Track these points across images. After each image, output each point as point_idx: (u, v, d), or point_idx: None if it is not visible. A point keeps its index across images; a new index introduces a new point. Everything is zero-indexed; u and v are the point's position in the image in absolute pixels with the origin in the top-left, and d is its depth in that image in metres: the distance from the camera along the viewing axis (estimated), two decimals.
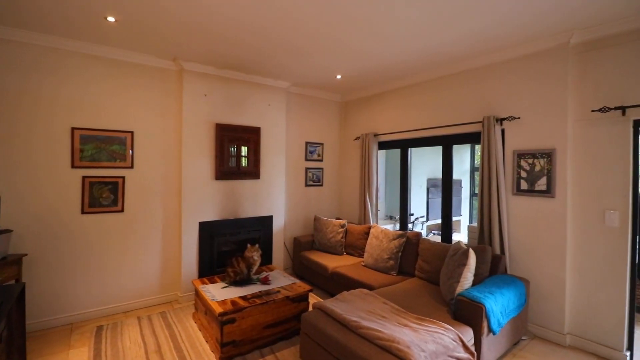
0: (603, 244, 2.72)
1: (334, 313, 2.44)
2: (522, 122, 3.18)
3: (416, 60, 3.62)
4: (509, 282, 2.70)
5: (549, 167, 2.99)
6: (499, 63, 3.36)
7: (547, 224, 2.97)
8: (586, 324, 2.80)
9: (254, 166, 4.26)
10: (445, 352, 2.03)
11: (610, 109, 2.69)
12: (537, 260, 3.03)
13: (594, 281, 2.77)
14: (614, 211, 2.67)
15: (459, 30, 2.84)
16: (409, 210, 5.55)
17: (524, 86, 3.16)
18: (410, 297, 2.83)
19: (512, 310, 2.56)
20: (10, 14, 2.66)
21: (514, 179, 3.22)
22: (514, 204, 3.21)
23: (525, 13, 2.53)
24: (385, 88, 4.58)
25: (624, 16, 2.56)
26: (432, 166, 6.23)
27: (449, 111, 3.82)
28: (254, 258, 3.22)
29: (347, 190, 5.26)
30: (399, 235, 3.64)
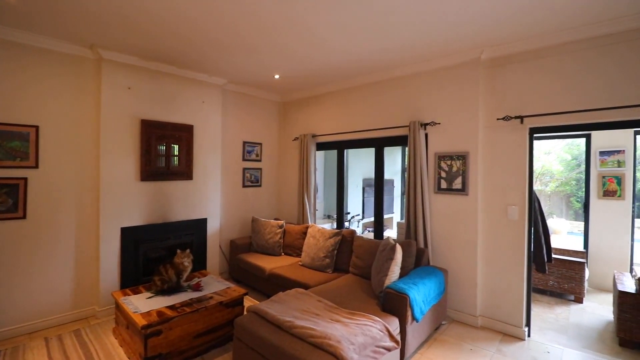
0: (506, 235, 3.13)
1: (268, 315, 2.41)
2: (443, 127, 3.50)
3: (351, 66, 3.77)
4: (430, 273, 2.95)
5: (463, 168, 3.34)
6: (423, 72, 3.65)
7: (462, 219, 3.32)
8: (494, 306, 3.20)
9: (186, 166, 4.02)
10: (373, 342, 2.15)
11: (512, 118, 3.10)
12: (454, 251, 3.37)
13: (499, 268, 3.17)
14: (514, 206, 3.09)
15: (389, 40, 3.02)
16: (346, 209, 5.75)
17: (444, 95, 3.49)
18: (344, 293, 2.93)
19: (433, 298, 2.80)
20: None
21: (435, 178, 3.54)
22: (436, 201, 3.52)
23: (443, 28, 2.78)
24: (323, 90, 4.68)
25: (522, 38, 2.96)
26: (367, 167, 6.54)
27: (381, 115, 4.04)
28: (184, 264, 3.04)
29: (286, 191, 5.26)
30: (334, 234, 3.75)
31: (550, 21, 2.64)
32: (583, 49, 2.77)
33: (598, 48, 2.71)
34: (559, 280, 4.02)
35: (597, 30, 2.67)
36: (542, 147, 8.23)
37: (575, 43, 2.79)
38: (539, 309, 3.71)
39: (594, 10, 2.46)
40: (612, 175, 4.42)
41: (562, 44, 2.85)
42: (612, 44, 2.65)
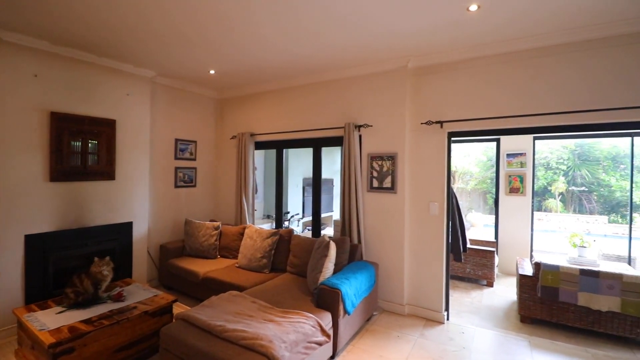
0: (428, 229, 3.43)
1: (198, 321, 2.32)
2: (375, 129, 3.70)
3: (290, 65, 3.79)
4: (362, 267, 3.11)
5: (392, 168, 3.57)
6: (358, 77, 3.82)
7: (392, 216, 3.55)
8: (418, 294, 3.48)
9: (107, 165, 3.67)
10: (305, 339, 2.20)
11: (433, 123, 3.40)
12: (384, 246, 3.59)
13: (423, 259, 3.46)
14: (435, 203, 3.39)
15: (323, 42, 3.09)
16: (286, 209, 5.77)
17: (376, 99, 3.69)
18: (280, 292, 2.94)
19: (364, 291, 2.96)
20: None
21: (368, 178, 3.73)
22: (368, 199, 3.71)
23: (373, 36, 2.94)
24: (262, 88, 4.62)
25: (441, 51, 3.27)
26: (307, 166, 6.63)
27: (319, 116, 4.13)
28: (102, 273, 2.77)
29: (223, 191, 5.09)
30: (272, 234, 3.74)
31: (463, 38, 2.96)
32: (492, 63, 3.15)
33: (504, 63, 3.11)
34: (474, 268, 4.52)
35: (501, 49, 3.06)
36: (463, 149, 9.16)
37: (484, 58, 3.17)
38: (458, 294, 4.14)
39: (501, 32, 2.81)
40: (516, 175, 5.11)
41: (473, 58, 3.21)
42: (513, 60, 3.06)
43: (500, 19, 2.61)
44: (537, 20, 2.63)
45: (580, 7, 2.42)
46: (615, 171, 8.26)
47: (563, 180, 8.43)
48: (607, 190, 8.33)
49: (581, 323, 3.14)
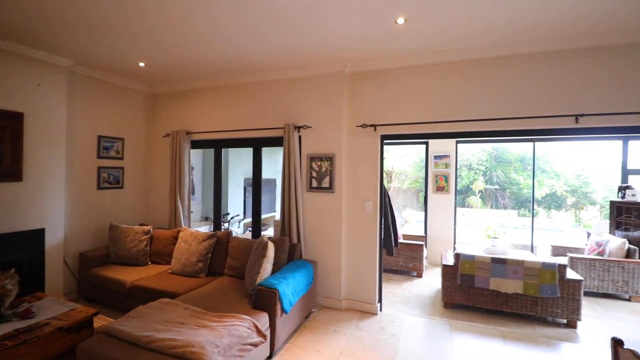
0: (364, 226, 3.61)
1: (122, 333, 2.16)
2: (314, 130, 3.78)
3: (229, 63, 3.70)
4: (300, 266, 3.17)
5: (330, 169, 3.69)
6: (298, 78, 3.86)
7: (330, 215, 3.67)
8: (355, 288, 3.65)
9: (12, 164, 3.21)
10: (240, 341, 2.18)
11: (367, 126, 3.59)
12: (323, 244, 3.70)
13: (359, 255, 3.63)
14: (369, 201, 3.59)
15: (263, 41, 3.07)
16: (225, 210, 5.61)
17: (315, 101, 3.77)
18: (216, 297, 2.86)
19: (302, 289, 3.02)
20: None
21: (308, 178, 3.80)
22: (308, 199, 3.78)
23: (312, 40, 3.01)
24: (200, 85, 4.42)
25: (374, 58, 3.47)
26: (249, 166, 6.51)
27: (259, 115, 4.09)
28: (5, 288, 2.43)
29: (155, 192, 4.76)
30: (209, 236, 3.61)
31: (394, 48, 3.18)
32: (420, 73, 3.43)
33: (430, 73, 3.40)
34: (406, 261, 4.88)
35: (428, 60, 3.35)
36: (399, 151, 9.81)
37: (414, 67, 3.43)
38: (391, 286, 4.43)
39: (427, 45, 3.08)
40: (442, 175, 5.62)
41: (404, 67, 3.46)
42: (438, 70, 3.37)
43: (426, 33, 2.86)
44: (457, 37, 2.94)
45: (489, 29, 2.76)
46: (523, 171, 9.53)
47: (482, 179, 9.49)
48: (517, 188, 9.57)
49: (492, 305, 3.58)
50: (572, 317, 3.32)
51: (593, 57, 2.90)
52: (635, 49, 2.79)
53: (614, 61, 2.86)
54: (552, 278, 3.33)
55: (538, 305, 3.42)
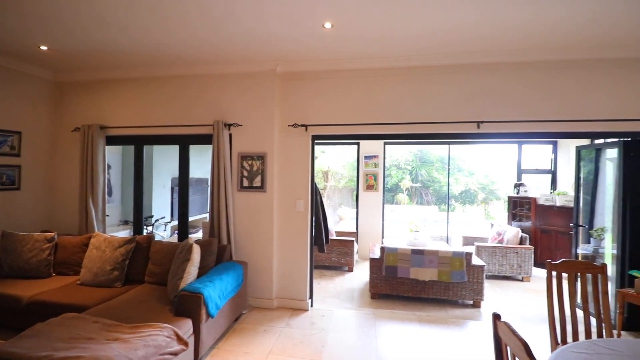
0: (295, 224, 3.66)
1: (14, 356, 1.87)
2: (245, 128, 3.71)
3: (152, 54, 3.44)
4: (229, 268, 3.09)
5: (262, 168, 3.66)
6: (228, 74, 3.74)
7: (261, 214, 3.65)
8: (286, 286, 3.68)
9: None
10: (157, 351, 2.05)
11: (299, 125, 3.64)
12: (255, 244, 3.65)
13: (290, 253, 3.67)
14: (301, 200, 3.65)
15: (186, 32, 2.91)
16: (149, 212, 5.20)
17: (247, 98, 3.70)
18: (134, 306, 2.64)
19: (230, 291, 2.94)
20: None
21: (238, 177, 3.72)
22: (239, 198, 3.70)
23: (243, 35, 2.93)
24: (117, 75, 4.00)
25: (306, 59, 3.53)
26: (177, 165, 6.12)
27: (186, 111, 3.87)
28: None
29: (62, 195, 4.20)
30: (127, 241, 3.31)
31: (324, 51, 3.27)
32: (350, 77, 3.58)
33: (359, 77, 3.57)
34: (339, 256, 5.07)
35: (357, 65, 3.51)
36: (335, 151, 10.12)
37: (344, 71, 3.57)
38: (324, 282, 4.57)
39: (355, 50, 3.22)
40: (371, 174, 5.95)
41: (335, 70, 3.58)
42: (366, 75, 3.55)
43: (353, 39, 3.00)
44: (383, 45, 3.13)
45: (408, 40, 3.01)
46: (444, 171, 10.56)
47: (409, 178, 10.28)
48: (438, 185, 10.57)
49: (412, 292, 3.91)
50: (476, 298, 3.79)
51: (493, 71, 3.34)
52: (522, 67, 3.28)
53: (509, 75, 3.33)
54: (461, 265, 3.76)
55: (450, 289, 3.83)
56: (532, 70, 3.28)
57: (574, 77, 3.23)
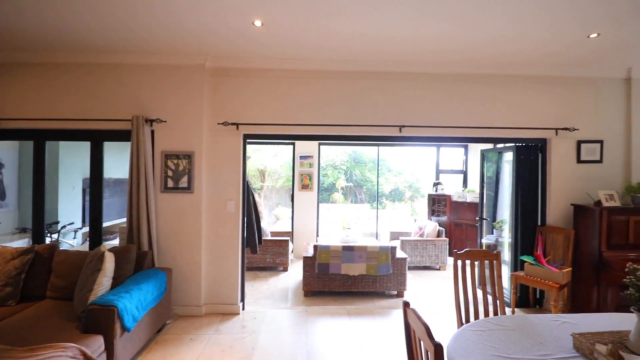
0: (226, 226, 3.54)
1: None
2: (169, 125, 3.47)
3: (56, 37, 3.00)
4: (150, 276, 2.86)
5: (189, 167, 3.46)
6: (151, 65, 3.46)
7: (188, 216, 3.45)
8: (216, 291, 3.54)
9: None
10: None
11: (230, 124, 3.52)
12: (181, 249, 3.44)
13: (220, 256, 3.54)
14: (232, 201, 3.54)
15: (95, 15, 2.61)
16: (54, 218, 4.57)
17: (172, 93, 3.46)
18: (31, 327, 2.29)
19: (151, 301, 2.73)
20: None
21: (162, 177, 3.46)
22: (162, 200, 3.45)
23: (167, 23, 2.72)
24: (11, 58, 3.40)
25: (238, 56, 3.43)
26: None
27: (101, 104, 3.47)
28: None
29: None
30: (22, 252, 2.85)
31: (256, 49, 3.22)
32: (283, 77, 3.58)
33: (291, 78, 3.59)
34: (273, 257, 5.04)
35: (288, 65, 3.53)
36: (272, 151, 10.03)
37: (277, 71, 3.56)
38: (258, 284, 4.50)
39: (287, 51, 3.23)
40: (306, 174, 6.04)
41: (268, 69, 3.55)
42: (299, 76, 3.58)
43: (285, 40, 3.01)
44: (314, 48, 3.19)
45: (337, 45, 3.12)
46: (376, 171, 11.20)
47: (344, 178, 10.68)
48: (371, 184, 11.15)
49: (343, 287, 4.07)
50: (400, 289, 4.10)
51: (413, 80, 3.64)
52: (438, 78, 3.64)
53: (427, 85, 3.65)
54: (387, 258, 4.03)
55: (377, 282, 4.08)
56: (447, 82, 3.67)
57: (480, 90, 3.69)
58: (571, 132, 3.64)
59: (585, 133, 3.70)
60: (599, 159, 3.69)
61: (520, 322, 1.87)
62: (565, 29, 2.75)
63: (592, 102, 3.73)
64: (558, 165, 3.70)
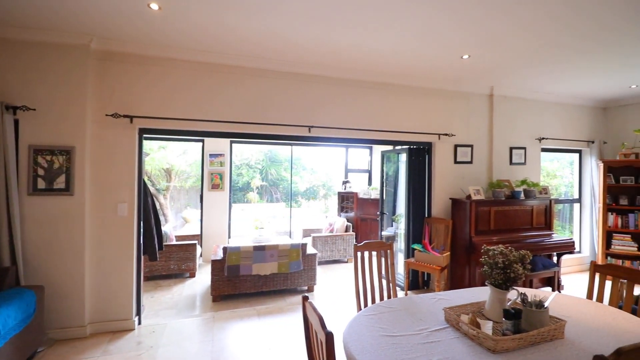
0: (117, 232, 3.13)
1: None
2: (40, 114, 2.90)
3: None
4: (10, 298, 2.34)
5: (68, 165, 2.96)
6: (16, 40, 2.84)
7: (67, 223, 2.94)
8: (105, 307, 3.10)
9: None
10: None
11: (121, 116, 3.12)
12: (57, 262, 2.91)
13: (110, 266, 3.11)
14: (124, 203, 3.15)
15: None
16: None
17: (45, 76, 2.90)
18: None
19: (12, 328, 2.24)
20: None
21: (29, 177, 2.88)
22: (31, 205, 2.87)
23: None
24: None
25: (131, 40, 3.05)
26: None
27: None
28: None
29: None
30: None
31: (153, 34, 2.91)
32: (186, 68, 3.31)
33: (195, 70, 3.35)
34: (178, 263, 4.67)
35: (191, 56, 3.29)
36: (180, 148, 9.27)
37: (178, 61, 3.28)
38: (159, 294, 4.11)
39: (187, 41, 2.99)
40: (217, 173, 5.76)
41: (168, 59, 3.25)
42: (203, 69, 3.37)
43: (185, 27, 2.79)
44: (216, 40, 3.03)
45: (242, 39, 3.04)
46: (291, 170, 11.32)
47: (259, 177, 10.53)
48: (286, 183, 11.24)
49: (254, 288, 4.01)
50: (310, 284, 4.24)
51: (321, 83, 3.79)
52: (346, 83, 3.87)
53: (336, 89, 3.84)
54: (298, 255, 4.12)
55: (288, 279, 4.14)
56: (352, 87, 3.92)
57: (381, 96, 4.05)
58: (450, 137, 4.29)
59: (461, 138, 4.40)
60: (470, 160, 4.44)
61: (406, 303, 2.12)
62: (446, 49, 3.21)
63: (466, 112, 4.45)
64: (440, 165, 4.31)
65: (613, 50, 3.21)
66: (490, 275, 1.84)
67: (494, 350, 1.51)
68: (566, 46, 3.12)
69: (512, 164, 4.67)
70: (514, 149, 4.68)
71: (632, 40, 2.97)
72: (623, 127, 5.16)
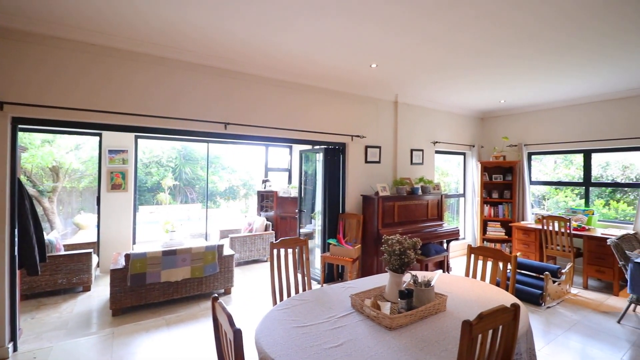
0: None
1: None
2: None
3: None
4: None
5: None
6: None
7: None
8: None
9: None
10: None
11: None
12: None
13: None
14: None
15: None
16: None
17: None
18: None
19: None
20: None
21: None
22: None
23: None
24: None
25: (7, 10, 2.52)
26: None
27: None
28: None
29: None
30: None
31: (40, 7, 2.45)
32: (80, 50, 2.86)
33: (93, 55, 2.92)
34: (68, 276, 4.03)
35: (97, 39, 2.87)
36: (70, 142, 7.97)
37: (72, 42, 2.82)
38: (43, 314, 3.49)
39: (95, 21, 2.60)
40: (118, 171, 5.13)
41: (59, 38, 2.77)
42: (107, 55, 2.97)
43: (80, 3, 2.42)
44: (124, 25, 2.71)
45: (160, 32, 2.78)
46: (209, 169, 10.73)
47: (172, 176, 9.71)
48: (203, 183, 10.62)
49: (164, 296, 3.71)
50: (227, 286, 4.11)
51: (239, 80, 3.70)
52: (266, 82, 3.85)
53: (255, 87, 3.79)
54: (213, 258, 3.95)
55: (203, 284, 3.94)
56: (273, 86, 3.94)
57: (300, 97, 4.15)
58: (361, 139, 4.64)
59: (370, 140, 4.79)
60: (379, 160, 4.87)
61: (317, 294, 2.23)
62: (356, 57, 3.46)
63: (375, 116, 4.86)
64: (352, 164, 4.63)
65: (485, 72, 3.89)
66: (389, 261, 2.07)
67: (391, 328, 1.70)
68: (452, 65, 3.67)
69: (412, 164, 5.28)
70: (414, 151, 5.30)
71: (499, 62, 3.65)
72: (495, 134, 6.29)
